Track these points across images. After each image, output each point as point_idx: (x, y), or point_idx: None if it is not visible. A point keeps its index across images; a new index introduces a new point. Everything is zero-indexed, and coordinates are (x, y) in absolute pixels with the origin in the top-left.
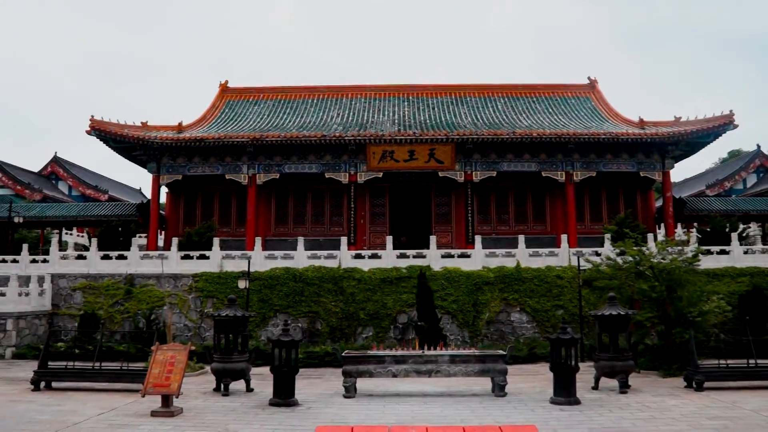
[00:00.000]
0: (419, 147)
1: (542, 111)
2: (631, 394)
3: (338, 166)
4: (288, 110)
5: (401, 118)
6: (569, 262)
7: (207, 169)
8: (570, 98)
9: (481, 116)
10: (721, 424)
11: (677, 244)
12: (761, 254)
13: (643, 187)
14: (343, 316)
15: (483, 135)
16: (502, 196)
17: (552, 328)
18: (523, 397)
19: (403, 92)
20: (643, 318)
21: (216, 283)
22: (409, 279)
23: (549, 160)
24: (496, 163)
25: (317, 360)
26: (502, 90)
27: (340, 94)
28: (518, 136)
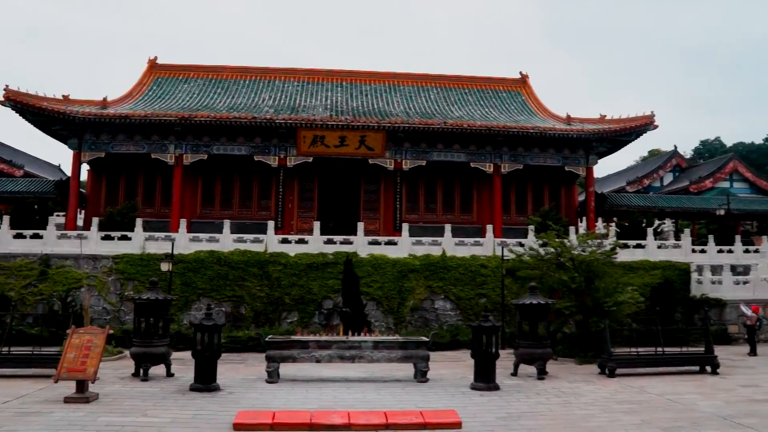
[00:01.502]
0: (350, 133)
1: (474, 103)
2: (548, 381)
3: (268, 149)
4: (218, 90)
5: (334, 104)
6: (494, 252)
7: (132, 147)
8: (501, 92)
9: (414, 105)
10: (629, 408)
11: (597, 237)
12: (673, 249)
13: (568, 181)
14: (268, 301)
15: (414, 124)
16: (431, 186)
17: (475, 315)
18: (445, 383)
19: (336, 77)
20: (562, 307)
21: (138, 265)
22: (335, 265)
23: (478, 152)
24: (427, 153)
25: (240, 345)
26: (435, 80)
27: (273, 77)
28: (449, 126)
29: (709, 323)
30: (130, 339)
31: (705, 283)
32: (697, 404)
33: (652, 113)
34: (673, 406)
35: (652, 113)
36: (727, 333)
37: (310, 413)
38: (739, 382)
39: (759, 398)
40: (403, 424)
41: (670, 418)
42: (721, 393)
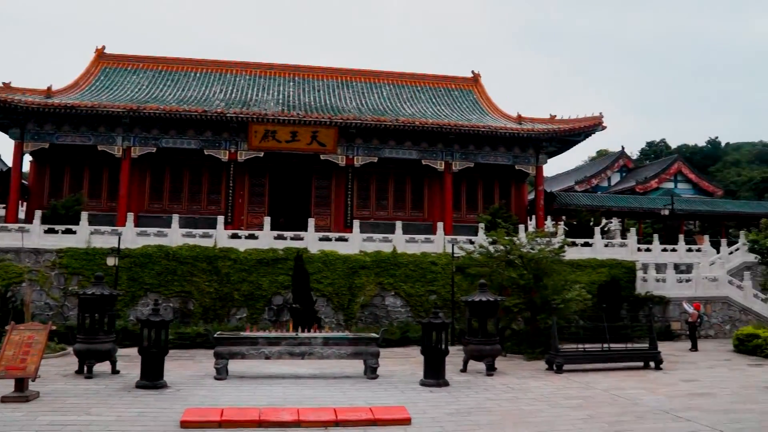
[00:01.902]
0: (302, 128)
1: (426, 101)
2: (497, 377)
3: (218, 143)
4: (168, 82)
5: (286, 98)
6: (444, 249)
7: (78, 138)
8: (453, 90)
9: (366, 102)
10: (576, 403)
11: (546, 235)
12: (619, 247)
13: (518, 179)
14: (217, 297)
15: (367, 120)
16: (382, 182)
17: (425, 312)
18: (395, 380)
19: (289, 72)
20: (511, 304)
21: (83, 260)
22: (285, 261)
23: (430, 149)
24: (378, 149)
25: (189, 341)
26: (388, 77)
27: (225, 70)
28: (401, 123)
29: (654, 320)
30: (74, 335)
31: (650, 281)
32: (641, 399)
33: (600, 114)
34: (618, 401)
35: (600, 114)
36: (670, 329)
37: (259, 410)
38: (680, 377)
39: (699, 392)
40: (353, 421)
41: (615, 413)
42: (664, 388)
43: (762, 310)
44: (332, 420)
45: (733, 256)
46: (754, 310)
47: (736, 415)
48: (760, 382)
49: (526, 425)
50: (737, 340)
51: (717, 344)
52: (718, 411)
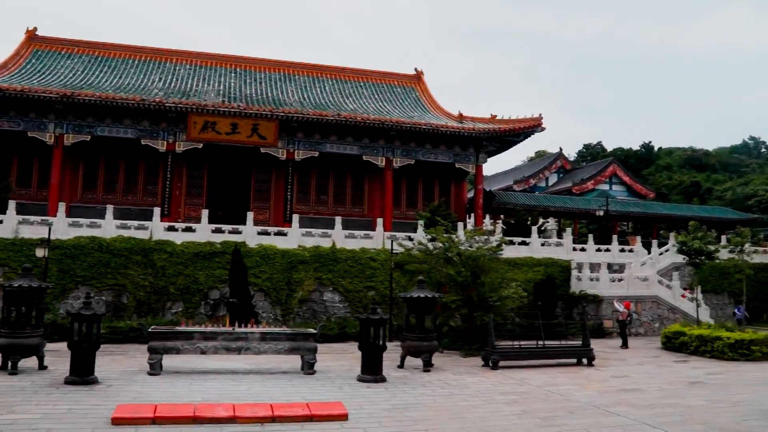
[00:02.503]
0: (243, 121)
1: (368, 96)
2: (433, 373)
3: (156, 133)
4: (105, 68)
5: (227, 90)
6: (383, 245)
7: (5, 123)
8: (396, 87)
9: (309, 96)
10: (510, 398)
11: (484, 233)
12: (555, 247)
13: (458, 178)
14: (151, 290)
15: (308, 114)
16: (323, 177)
17: (363, 308)
18: (332, 375)
19: (230, 63)
20: (449, 301)
21: (9, 251)
22: (223, 254)
23: (371, 145)
24: (320, 144)
25: (122, 336)
26: (331, 72)
27: (164, 58)
28: (343, 118)
29: (587, 318)
30: None
31: (584, 280)
32: (574, 395)
33: (540, 116)
34: (552, 397)
35: (540, 116)
36: (603, 327)
37: (193, 406)
38: (611, 373)
39: (628, 388)
40: (290, 417)
41: (548, 408)
42: (596, 384)
43: (689, 309)
44: (269, 416)
45: (663, 256)
46: (681, 309)
47: (662, 409)
48: (685, 378)
49: (461, 420)
50: (665, 338)
51: (646, 341)
52: (646, 406)
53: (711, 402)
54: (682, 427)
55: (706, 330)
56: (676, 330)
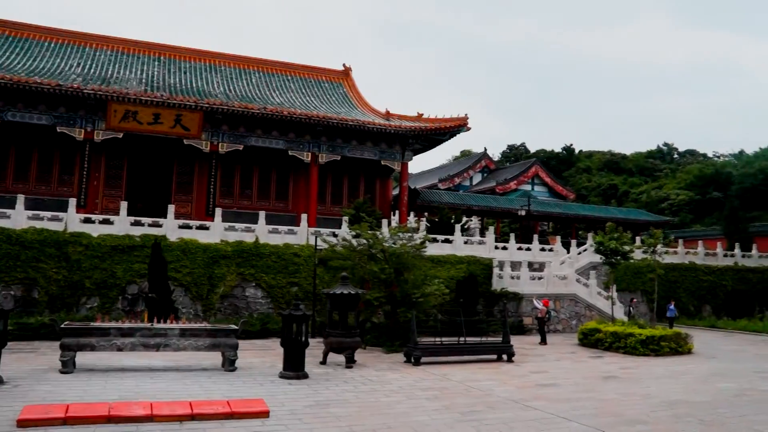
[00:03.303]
0: (166, 111)
1: (295, 90)
2: (356, 369)
3: (73, 120)
4: (18, 50)
5: (150, 78)
6: (307, 241)
7: None
8: (324, 82)
9: (234, 87)
10: (432, 394)
11: (408, 230)
12: (478, 245)
13: (383, 175)
14: (65, 285)
15: (234, 107)
16: (247, 171)
17: (286, 304)
18: (254, 372)
19: (154, 51)
20: (372, 298)
21: None
22: (142, 248)
23: (297, 140)
24: (245, 137)
25: (32, 332)
26: (258, 64)
27: (83, 42)
28: (269, 112)
29: (507, 315)
30: None
31: (505, 278)
32: (494, 390)
33: (466, 116)
34: (472, 392)
35: (466, 116)
36: (522, 324)
37: (108, 405)
38: (530, 368)
39: (546, 383)
40: (209, 414)
41: (468, 403)
42: (515, 379)
43: (604, 306)
44: (188, 414)
45: (581, 256)
46: (597, 306)
47: (577, 403)
48: (600, 373)
49: (383, 416)
50: (582, 334)
51: (564, 338)
52: (563, 400)
53: (623, 395)
54: (595, 420)
55: (620, 327)
56: (592, 327)
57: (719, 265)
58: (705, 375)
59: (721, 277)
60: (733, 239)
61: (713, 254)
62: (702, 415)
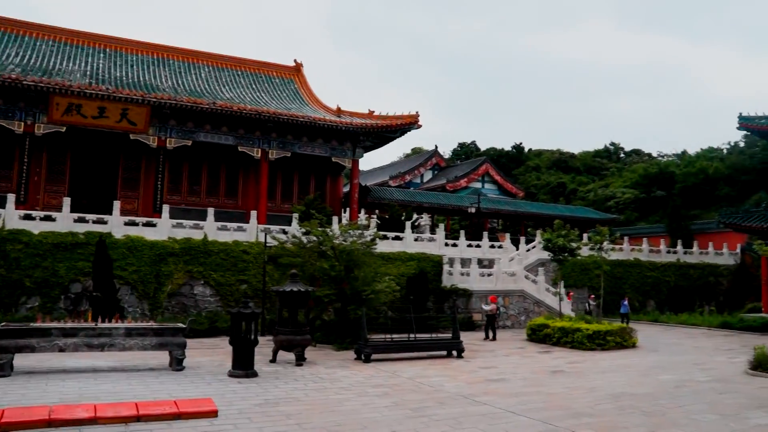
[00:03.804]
0: (112, 105)
1: (246, 86)
2: (306, 367)
3: (12, 113)
4: None
5: (94, 71)
6: (257, 238)
7: None
8: (275, 78)
9: (183, 82)
10: (382, 391)
11: (359, 228)
12: (428, 242)
13: (334, 172)
14: (3, 284)
15: (182, 101)
16: (196, 167)
17: (235, 302)
18: (202, 371)
19: (100, 43)
20: (323, 295)
21: None
22: (86, 245)
23: (247, 136)
24: (193, 133)
25: None
26: (207, 58)
27: (23, 32)
28: (218, 107)
29: (457, 311)
30: None
31: (455, 275)
32: (444, 386)
33: (417, 113)
34: (422, 388)
35: (417, 113)
36: (472, 320)
37: (48, 408)
38: (480, 364)
39: (495, 378)
40: (156, 415)
41: (419, 400)
42: (465, 375)
43: (552, 302)
44: (133, 415)
45: (530, 253)
46: (545, 302)
47: (526, 397)
48: (548, 367)
49: (333, 414)
50: (530, 330)
51: (513, 334)
52: (511, 395)
53: (570, 389)
54: (543, 413)
55: (567, 322)
56: (540, 323)
57: (662, 262)
58: (648, 368)
59: (665, 273)
60: (675, 236)
61: (657, 251)
62: (644, 406)
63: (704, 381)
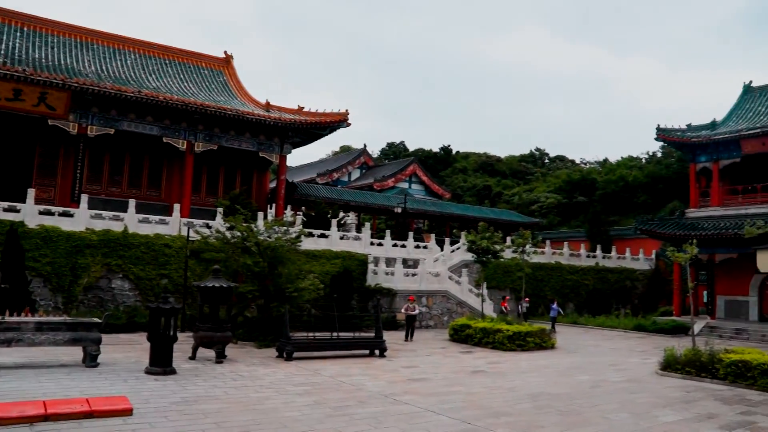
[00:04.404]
0: (28, 87)
1: (173, 75)
2: (226, 364)
3: None
4: None
5: (10, 51)
6: (180, 232)
7: None
8: (204, 68)
9: (108, 68)
10: (303, 389)
11: (284, 224)
12: (354, 241)
13: (261, 167)
14: None
15: (106, 88)
16: (118, 157)
17: (155, 296)
18: (117, 368)
19: (17, 21)
20: (246, 291)
21: None
22: None
23: (173, 127)
24: (117, 121)
25: None
26: (134, 45)
27: None
28: (144, 96)
29: (381, 311)
30: None
31: (380, 274)
32: (365, 384)
33: (346, 111)
34: (344, 387)
35: (346, 111)
36: (396, 320)
37: None
38: (402, 363)
39: (416, 377)
40: (66, 414)
41: (339, 398)
42: (387, 374)
43: (475, 303)
44: (41, 414)
45: (454, 254)
46: (468, 303)
47: (446, 396)
48: (469, 367)
49: (253, 412)
50: (452, 330)
51: (435, 333)
52: (432, 394)
53: (490, 389)
54: (462, 413)
55: (489, 323)
56: (462, 323)
57: (582, 265)
58: (565, 368)
59: (584, 277)
60: (595, 241)
61: (577, 255)
62: (561, 405)
63: (618, 381)
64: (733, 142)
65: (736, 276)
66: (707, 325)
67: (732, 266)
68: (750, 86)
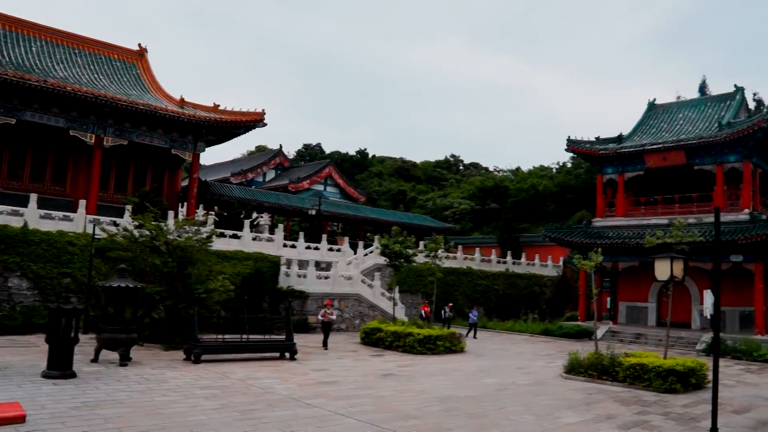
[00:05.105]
0: None
1: (83, 66)
2: (131, 367)
3: None
4: None
5: None
6: (85, 229)
7: None
8: (116, 60)
9: (9, 54)
10: (211, 393)
11: (195, 224)
12: (266, 242)
13: (173, 164)
14: None
15: (7, 75)
16: (20, 149)
17: (56, 296)
18: (11, 372)
19: None
20: (153, 292)
21: None
22: None
23: (80, 120)
24: (18, 111)
25: None
26: (41, 31)
27: None
28: (50, 86)
29: (292, 313)
30: None
31: (292, 276)
32: (274, 388)
33: (263, 111)
34: (253, 390)
35: (263, 111)
36: (308, 323)
37: None
38: (312, 366)
39: (327, 381)
40: None
41: (248, 402)
42: (297, 377)
43: (387, 306)
44: None
45: (367, 257)
46: (380, 306)
47: (356, 399)
48: (379, 371)
49: (157, 417)
50: (364, 333)
51: (347, 336)
52: (342, 397)
53: (399, 392)
54: (371, 416)
55: (400, 327)
56: (374, 326)
57: (493, 271)
58: (474, 372)
59: (494, 282)
60: (506, 248)
61: (488, 260)
62: (468, 408)
63: (524, 384)
64: (637, 156)
65: (637, 283)
66: (610, 329)
67: (634, 274)
68: (654, 103)
